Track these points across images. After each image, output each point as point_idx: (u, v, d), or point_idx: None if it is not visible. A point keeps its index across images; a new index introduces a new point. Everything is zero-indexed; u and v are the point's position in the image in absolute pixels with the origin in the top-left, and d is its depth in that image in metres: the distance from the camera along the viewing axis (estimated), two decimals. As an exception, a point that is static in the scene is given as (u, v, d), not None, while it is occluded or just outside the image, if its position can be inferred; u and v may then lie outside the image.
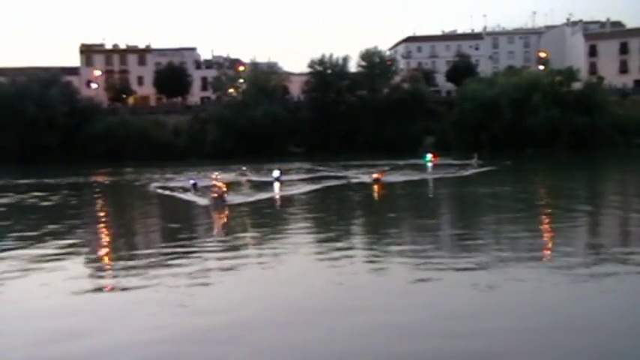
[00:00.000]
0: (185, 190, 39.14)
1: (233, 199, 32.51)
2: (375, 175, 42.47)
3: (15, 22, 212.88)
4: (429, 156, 61.03)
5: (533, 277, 14.53)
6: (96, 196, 43.13)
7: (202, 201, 33.09)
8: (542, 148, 75.21)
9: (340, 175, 48.93)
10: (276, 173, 45.23)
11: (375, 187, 39.70)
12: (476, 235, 21.61)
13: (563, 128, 78.48)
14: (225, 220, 27.78)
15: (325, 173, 51.55)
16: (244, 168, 53.94)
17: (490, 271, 15.43)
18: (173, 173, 56.14)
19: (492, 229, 22.60)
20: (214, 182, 34.27)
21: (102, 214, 32.42)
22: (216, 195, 31.70)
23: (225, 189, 32.26)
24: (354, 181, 44.25)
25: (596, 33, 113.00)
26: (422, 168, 55.14)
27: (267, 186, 41.68)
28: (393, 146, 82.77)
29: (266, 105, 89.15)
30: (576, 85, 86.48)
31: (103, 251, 20.49)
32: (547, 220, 24.26)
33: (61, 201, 36.86)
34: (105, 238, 23.52)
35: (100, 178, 56.56)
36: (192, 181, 40.86)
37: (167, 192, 39.50)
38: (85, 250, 20.37)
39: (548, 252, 18.07)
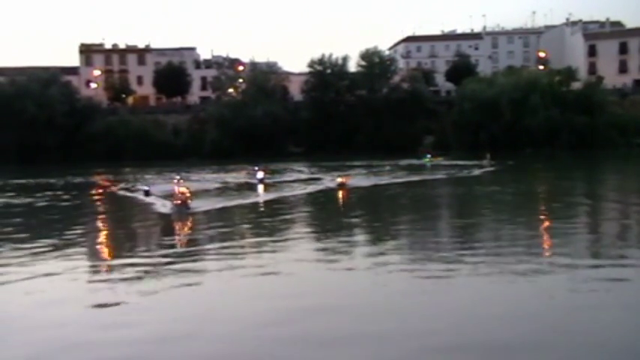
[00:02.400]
0: (147, 194, 36.37)
1: (201, 205, 30.33)
2: (339, 180, 39.56)
3: (14, 21, 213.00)
4: (428, 156, 60.74)
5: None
6: (54, 202, 37.32)
7: (164, 208, 30.60)
8: (542, 148, 75.17)
9: (324, 178, 46.63)
10: (259, 175, 43.87)
11: (340, 192, 37.03)
12: (477, 236, 21.69)
13: (563, 128, 78.46)
14: (182, 229, 25.86)
15: (313, 175, 50.22)
16: (256, 168, 53.65)
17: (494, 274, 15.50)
18: (156, 174, 54.27)
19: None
20: (177, 187, 31.17)
21: (53, 220, 29.27)
22: (179, 201, 29.08)
23: (189, 194, 29.63)
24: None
25: (596, 33, 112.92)
26: (427, 168, 54.59)
27: (246, 190, 39.91)
28: (392, 146, 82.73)
29: (265, 105, 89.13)
30: (576, 85, 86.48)
31: (43, 264, 18.34)
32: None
33: (21, 203, 35.56)
34: (49, 249, 20.62)
35: (79, 180, 53.96)
36: (145, 188, 37.68)
37: (130, 195, 37.98)
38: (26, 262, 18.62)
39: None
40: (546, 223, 24.08)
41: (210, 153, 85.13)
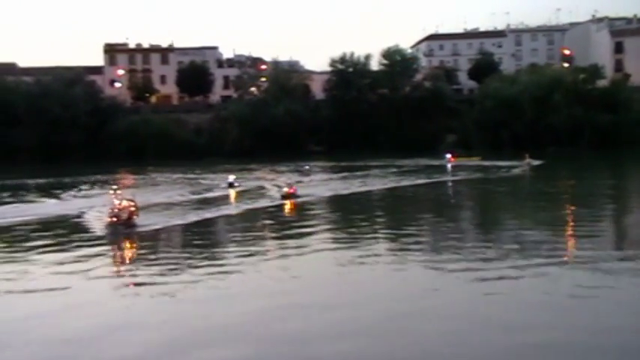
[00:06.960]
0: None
1: (154, 221, 25.42)
2: (286, 190, 34.15)
3: (39, 21, 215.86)
4: (448, 156, 60.16)
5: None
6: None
7: (98, 227, 24.96)
8: (565, 147, 74.13)
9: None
10: (230, 178, 41.55)
11: (287, 204, 31.95)
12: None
13: (586, 126, 77.40)
14: (113, 255, 21.20)
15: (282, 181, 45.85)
16: (307, 167, 53.21)
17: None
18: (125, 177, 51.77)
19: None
20: (116, 200, 24.75)
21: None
22: (115, 218, 23.34)
23: (133, 209, 23.99)
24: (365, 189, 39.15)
25: (623, 29, 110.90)
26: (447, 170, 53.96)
27: (217, 199, 35.66)
28: (413, 144, 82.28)
29: (287, 103, 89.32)
30: (602, 83, 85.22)
31: None
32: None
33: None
34: None
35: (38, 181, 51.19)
36: None
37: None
38: None
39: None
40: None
41: (231, 152, 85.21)
